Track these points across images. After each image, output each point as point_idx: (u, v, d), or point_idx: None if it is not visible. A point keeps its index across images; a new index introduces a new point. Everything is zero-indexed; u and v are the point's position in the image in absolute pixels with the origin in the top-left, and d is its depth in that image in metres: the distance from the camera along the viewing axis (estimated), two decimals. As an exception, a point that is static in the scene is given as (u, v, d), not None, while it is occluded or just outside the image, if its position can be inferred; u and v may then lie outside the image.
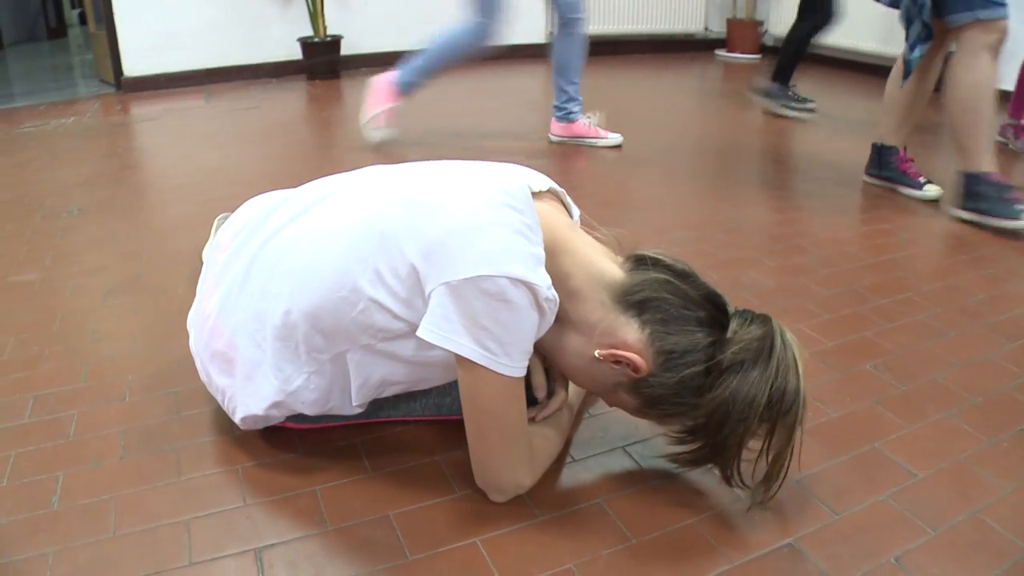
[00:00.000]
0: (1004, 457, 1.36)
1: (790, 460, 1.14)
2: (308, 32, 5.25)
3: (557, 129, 3.53)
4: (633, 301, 1.15)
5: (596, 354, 1.16)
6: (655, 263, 1.19)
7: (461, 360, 1.09)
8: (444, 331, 1.07)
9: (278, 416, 1.29)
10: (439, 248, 1.07)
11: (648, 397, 1.17)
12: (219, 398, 1.33)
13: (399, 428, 1.42)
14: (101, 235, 2.40)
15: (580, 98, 3.50)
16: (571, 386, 1.39)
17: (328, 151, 3.39)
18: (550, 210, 1.22)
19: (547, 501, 1.23)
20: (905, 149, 2.87)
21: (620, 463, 1.33)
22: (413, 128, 3.71)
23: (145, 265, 2.16)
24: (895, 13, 2.66)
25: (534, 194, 1.21)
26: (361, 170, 1.34)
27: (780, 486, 1.17)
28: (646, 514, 1.21)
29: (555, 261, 1.15)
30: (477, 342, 1.06)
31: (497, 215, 1.09)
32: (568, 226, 1.22)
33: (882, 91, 2.84)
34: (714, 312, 1.15)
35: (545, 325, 1.14)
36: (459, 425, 1.19)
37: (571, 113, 3.48)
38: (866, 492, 1.26)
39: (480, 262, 1.05)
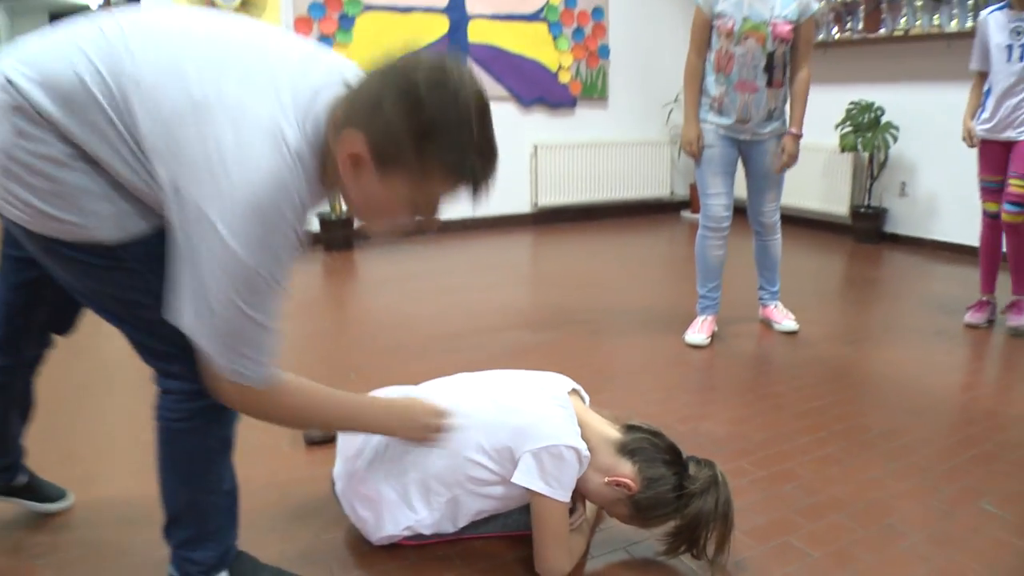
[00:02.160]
0: (875, 542, 2.06)
1: (730, 541, 1.90)
2: (325, 208, 6.06)
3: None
4: (627, 450, 1.92)
5: (605, 481, 1.91)
6: (638, 428, 1.97)
7: (535, 494, 1.85)
8: (529, 478, 1.85)
9: (407, 535, 2.00)
10: (525, 432, 1.88)
11: (637, 507, 1.92)
12: (360, 525, 2.03)
13: (479, 541, 2.11)
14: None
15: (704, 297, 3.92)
16: (588, 507, 2.11)
17: (346, 329, 4.13)
18: (577, 402, 2.02)
19: (577, 582, 1.93)
20: None
21: (620, 558, 2.03)
22: (427, 311, 4.48)
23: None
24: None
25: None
26: (456, 379, 2.15)
27: (727, 556, 1.91)
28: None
29: (582, 433, 1.91)
30: (547, 483, 1.84)
31: (555, 411, 1.91)
32: (585, 411, 2.01)
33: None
34: (674, 456, 1.93)
35: (581, 471, 1.89)
36: (520, 538, 1.89)
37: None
38: (778, 568, 1.96)
39: (550, 437, 1.85)
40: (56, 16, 12.15)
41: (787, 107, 3.74)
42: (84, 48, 1.40)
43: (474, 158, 1.37)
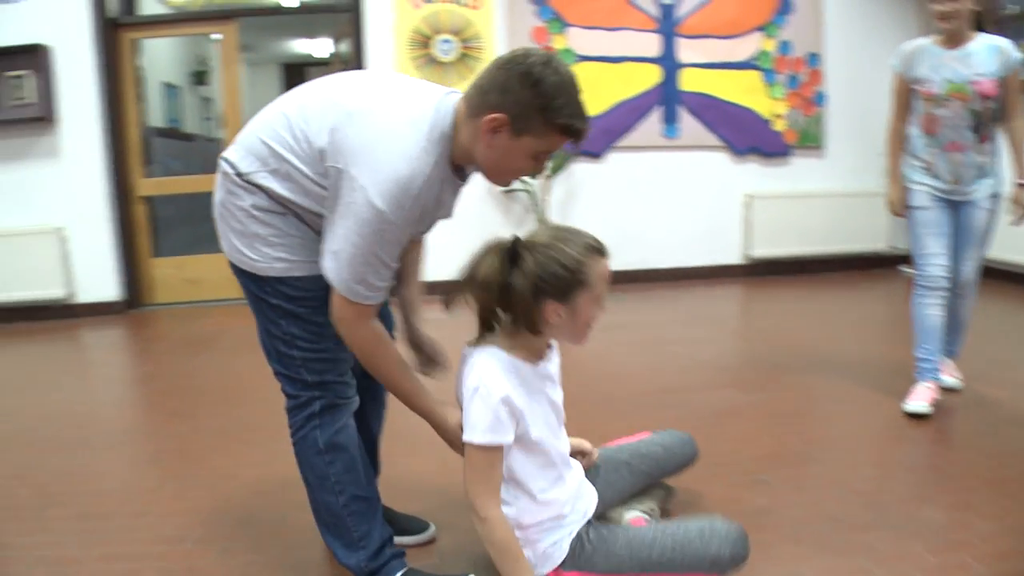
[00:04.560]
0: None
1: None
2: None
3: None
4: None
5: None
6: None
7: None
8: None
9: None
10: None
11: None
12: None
13: None
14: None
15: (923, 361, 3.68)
16: None
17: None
18: None
19: None
20: None
21: None
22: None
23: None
24: None
25: None
26: None
27: None
28: None
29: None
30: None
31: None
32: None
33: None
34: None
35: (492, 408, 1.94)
36: None
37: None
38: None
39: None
40: (287, 67, 13.28)
41: (995, 161, 3.58)
42: (271, 125, 2.00)
43: (579, 119, 1.89)
